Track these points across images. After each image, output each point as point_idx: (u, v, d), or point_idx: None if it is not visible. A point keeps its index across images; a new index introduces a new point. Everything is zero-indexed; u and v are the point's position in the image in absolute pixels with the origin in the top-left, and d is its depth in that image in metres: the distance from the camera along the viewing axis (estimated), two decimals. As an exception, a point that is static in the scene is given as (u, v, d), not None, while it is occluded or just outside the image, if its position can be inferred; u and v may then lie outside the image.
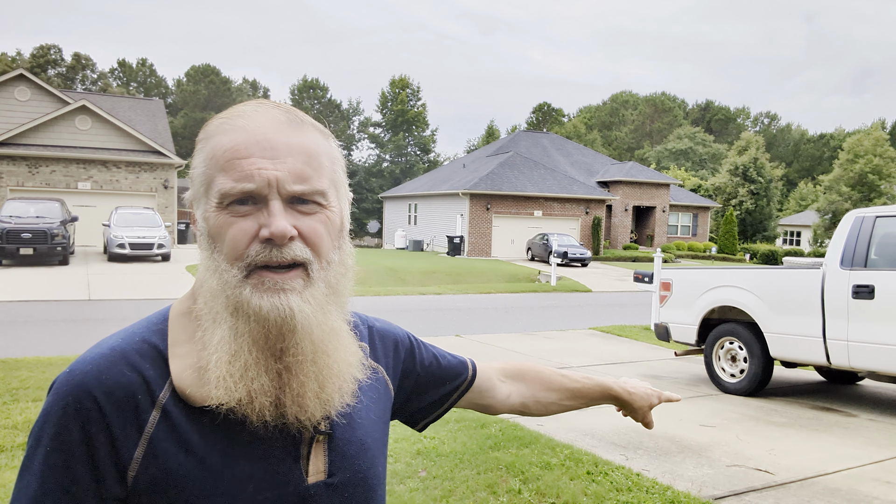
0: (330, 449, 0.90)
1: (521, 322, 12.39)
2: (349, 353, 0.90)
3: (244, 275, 0.82)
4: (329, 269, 0.87)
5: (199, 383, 0.84)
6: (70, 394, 0.82)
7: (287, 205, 0.83)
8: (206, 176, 0.85)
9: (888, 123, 71.52)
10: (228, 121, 0.86)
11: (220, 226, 0.83)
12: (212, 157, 0.84)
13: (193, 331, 0.88)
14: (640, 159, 71.89)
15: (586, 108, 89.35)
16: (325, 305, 0.86)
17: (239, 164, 0.82)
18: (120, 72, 72.45)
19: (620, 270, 26.77)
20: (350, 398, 0.91)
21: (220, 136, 0.85)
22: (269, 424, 0.85)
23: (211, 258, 0.85)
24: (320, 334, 0.84)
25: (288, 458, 0.87)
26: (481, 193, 31.84)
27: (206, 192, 0.85)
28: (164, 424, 0.83)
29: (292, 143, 0.84)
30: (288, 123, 0.86)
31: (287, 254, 0.82)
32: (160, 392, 0.84)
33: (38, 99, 25.21)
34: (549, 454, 4.66)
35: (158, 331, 0.89)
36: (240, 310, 0.81)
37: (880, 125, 60.40)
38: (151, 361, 0.86)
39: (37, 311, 11.39)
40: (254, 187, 0.81)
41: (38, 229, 17.51)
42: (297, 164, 0.83)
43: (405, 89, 65.17)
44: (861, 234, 6.11)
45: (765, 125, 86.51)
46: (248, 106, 0.87)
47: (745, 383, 6.84)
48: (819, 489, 4.25)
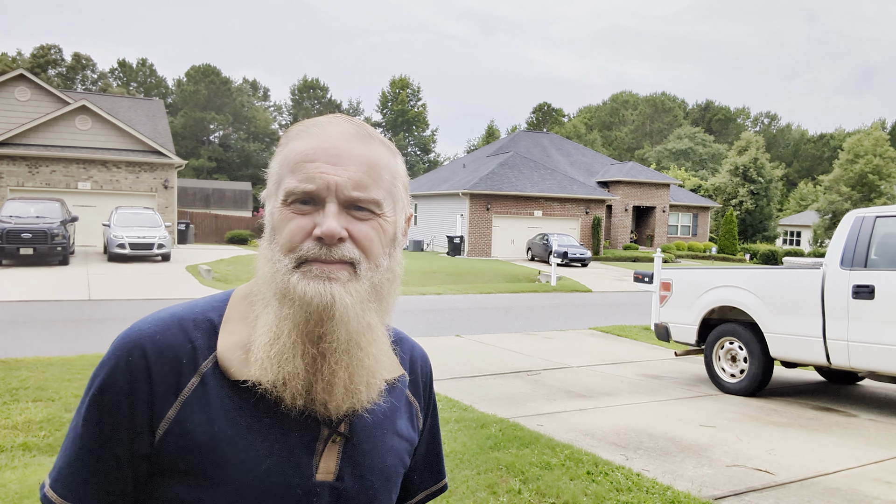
0: (344, 453, 0.93)
1: (521, 322, 12.39)
2: (382, 353, 0.94)
3: (294, 265, 0.87)
4: (377, 272, 0.92)
5: (240, 360, 0.90)
6: (125, 347, 0.90)
7: (343, 209, 0.89)
8: (278, 175, 0.92)
9: (888, 123, 71.53)
10: (305, 129, 0.94)
11: (282, 220, 0.90)
12: (285, 160, 0.92)
13: (245, 313, 0.94)
14: (640, 159, 71.89)
15: (586, 108, 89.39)
16: (366, 301, 0.90)
17: (305, 167, 0.89)
18: (120, 72, 72.46)
19: (620, 270, 26.77)
20: (377, 396, 0.94)
21: (296, 142, 0.92)
22: (295, 411, 0.89)
23: (269, 248, 0.91)
24: (357, 326, 0.89)
25: (303, 449, 0.90)
26: (481, 193, 31.84)
27: (276, 191, 0.92)
28: (200, 391, 0.89)
29: (356, 154, 0.91)
30: (356, 136, 0.93)
31: (336, 253, 0.87)
32: (203, 361, 0.91)
33: (38, 99, 25.20)
34: (549, 454, 4.66)
35: (217, 307, 0.97)
36: (286, 295, 0.87)
37: (880, 125, 60.36)
38: (203, 332, 0.93)
39: (37, 311, 11.39)
40: (314, 188, 0.88)
41: (38, 229, 17.51)
42: (358, 172, 0.90)
43: (405, 89, 65.20)
44: (861, 234, 6.11)
45: (765, 125, 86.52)
46: (326, 118, 0.95)
47: (746, 383, 6.84)
48: (819, 489, 4.25)
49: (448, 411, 5.74)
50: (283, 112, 75.03)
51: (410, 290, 17.47)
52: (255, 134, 69.18)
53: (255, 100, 75.14)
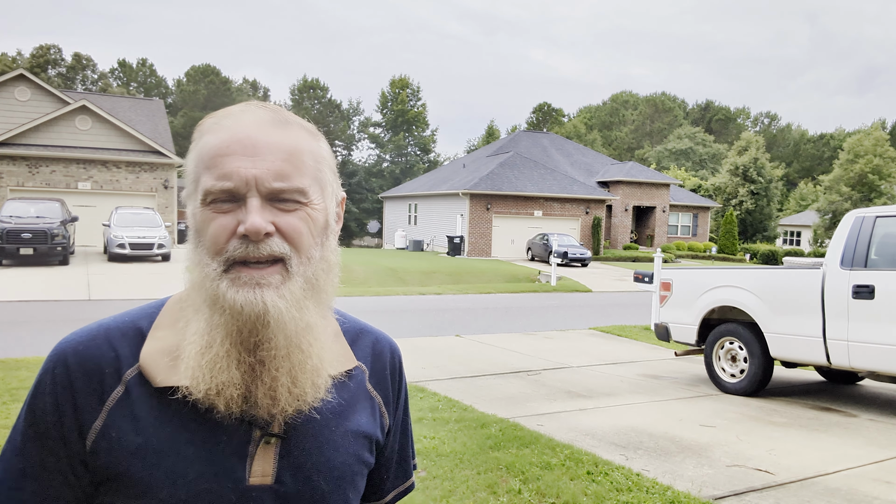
0: (282, 454, 0.89)
1: (521, 322, 12.39)
2: (325, 350, 0.91)
3: (223, 269, 0.84)
4: (309, 264, 0.88)
5: (165, 366, 0.88)
6: (51, 361, 0.90)
7: (267, 202, 0.85)
8: (195, 174, 0.88)
9: (888, 123, 71.53)
10: (217, 121, 0.89)
11: (203, 221, 0.86)
12: (200, 156, 0.88)
13: (177, 318, 0.92)
14: (640, 159, 71.89)
15: (586, 108, 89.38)
16: (302, 301, 0.87)
17: (221, 163, 0.85)
18: (120, 72, 72.46)
19: (620, 270, 26.77)
20: (325, 394, 0.91)
21: (208, 136, 0.88)
22: (227, 416, 0.86)
23: (195, 252, 0.88)
24: (295, 329, 0.86)
25: (233, 453, 0.87)
26: (481, 193, 31.84)
27: (195, 190, 0.88)
28: (125, 400, 0.87)
29: (274, 142, 0.87)
30: (272, 123, 0.88)
31: (264, 249, 0.84)
32: (128, 369, 0.89)
33: (39, 99, 25.21)
34: (549, 454, 4.66)
35: (149, 314, 0.95)
36: (216, 302, 0.84)
37: (880, 125, 60.37)
38: (130, 340, 0.91)
39: (37, 311, 11.39)
40: (232, 185, 0.84)
41: (38, 229, 17.51)
42: (277, 161, 0.86)
43: (405, 89, 65.18)
44: (861, 234, 6.11)
45: (765, 125, 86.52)
46: (237, 107, 0.91)
47: (746, 383, 6.84)
48: (819, 489, 4.25)
49: (448, 411, 5.74)
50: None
51: (410, 290, 17.47)
52: (255, 134, 69.07)
53: (255, 100, 75.08)
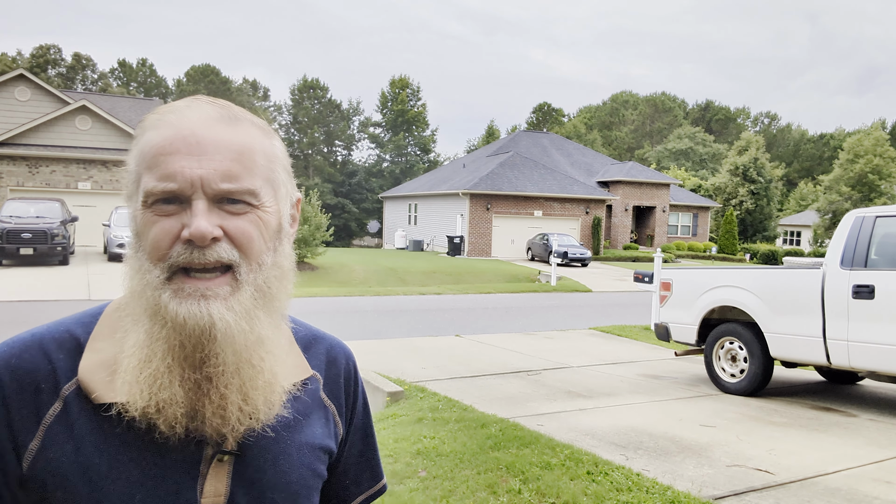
0: (236, 472, 0.85)
1: (521, 322, 12.40)
2: (279, 364, 0.86)
3: (166, 276, 0.79)
4: (260, 271, 0.83)
5: (105, 381, 0.82)
6: None
7: (214, 204, 0.80)
8: (136, 174, 0.82)
9: (888, 123, 71.54)
10: (160, 117, 0.83)
11: (145, 224, 0.80)
12: (141, 155, 0.82)
13: (116, 327, 0.86)
14: (640, 159, 71.91)
15: (586, 108, 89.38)
16: (253, 311, 0.81)
17: (163, 162, 0.79)
18: (120, 72, 72.46)
19: (620, 270, 26.77)
20: (280, 409, 0.86)
21: (150, 133, 0.82)
22: (171, 435, 0.81)
23: (136, 257, 0.82)
24: (244, 343, 0.80)
25: (183, 473, 0.82)
26: (481, 193, 31.84)
27: (135, 191, 0.82)
28: (63, 418, 0.81)
29: (222, 140, 0.81)
30: (220, 119, 0.83)
31: (210, 255, 0.78)
32: (65, 383, 0.83)
33: (38, 99, 25.21)
34: (549, 454, 4.66)
35: (86, 323, 0.89)
36: (158, 314, 0.79)
37: (880, 125, 60.36)
38: (67, 352, 0.85)
39: (37, 311, 11.39)
40: (176, 187, 0.78)
41: (38, 229, 17.52)
42: (226, 161, 0.80)
43: (405, 89, 65.20)
44: (861, 234, 6.11)
45: (765, 125, 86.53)
46: (182, 102, 0.85)
47: (746, 383, 6.84)
48: (819, 489, 4.25)
49: (448, 411, 5.75)
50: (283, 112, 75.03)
51: (410, 290, 17.47)
52: (255, 134, 69.11)
53: (255, 100, 75.12)
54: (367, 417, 1.08)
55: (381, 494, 1.11)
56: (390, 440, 4.89)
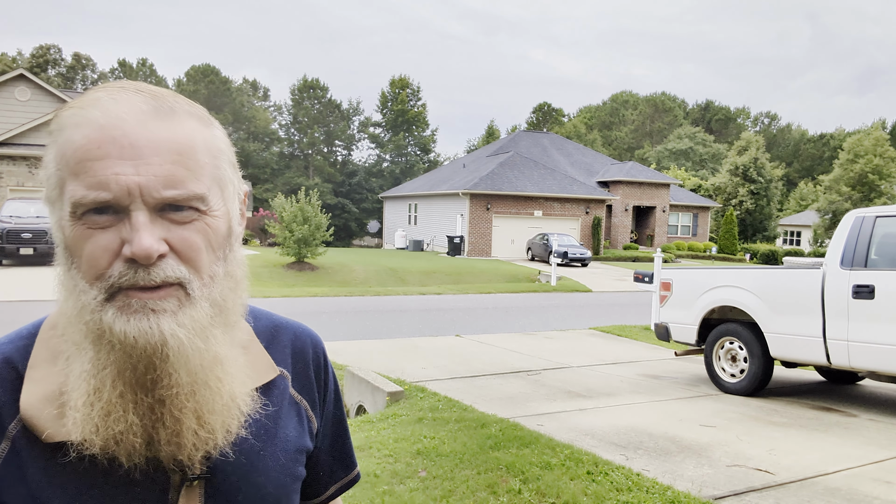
0: (208, 495, 0.78)
1: (522, 322, 12.40)
2: (237, 383, 0.78)
3: (105, 297, 0.70)
4: (213, 284, 0.75)
5: (51, 416, 0.73)
6: None
7: (156, 213, 0.70)
8: (58, 178, 0.72)
9: (888, 123, 71.54)
10: (80, 111, 0.71)
11: (76, 239, 0.70)
12: (61, 156, 0.71)
13: (58, 351, 0.77)
14: (640, 159, 71.90)
15: (586, 108, 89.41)
16: (208, 328, 0.73)
17: (91, 168, 0.68)
18: (120, 72, 72.44)
19: (620, 270, 26.77)
20: (239, 430, 0.79)
21: (71, 130, 0.71)
22: (134, 466, 0.74)
23: (68, 275, 0.72)
24: (199, 363, 0.73)
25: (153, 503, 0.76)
26: (481, 193, 31.84)
27: (60, 197, 0.72)
28: (13, 459, 0.73)
29: (159, 139, 0.70)
30: (153, 113, 0.71)
31: (156, 275, 0.69)
32: (11, 421, 0.74)
33: (39, 99, 25.21)
34: (549, 454, 4.66)
35: (22, 347, 0.79)
36: (102, 337, 0.70)
37: (881, 125, 60.38)
38: (6, 385, 0.76)
39: (37, 311, 11.33)
40: (110, 197, 0.68)
41: (38, 229, 17.52)
42: (166, 164, 0.70)
43: (405, 89, 65.21)
44: (861, 234, 6.11)
45: (765, 125, 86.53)
46: (105, 91, 0.73)
47: (746, 383, 6.84)
48: (819, 489, 4.25)
49: (448, 411, 5.74)
50: (283, 112, 75.03)
51: (410, 290, 17.47)
52: (255, 134, 69.15)
53: (255, 100, 75.12)
54: (338, 406, 1.02)
55: (355, 483, 1.07)
56: (390, 440, 4.89)
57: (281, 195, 23.48)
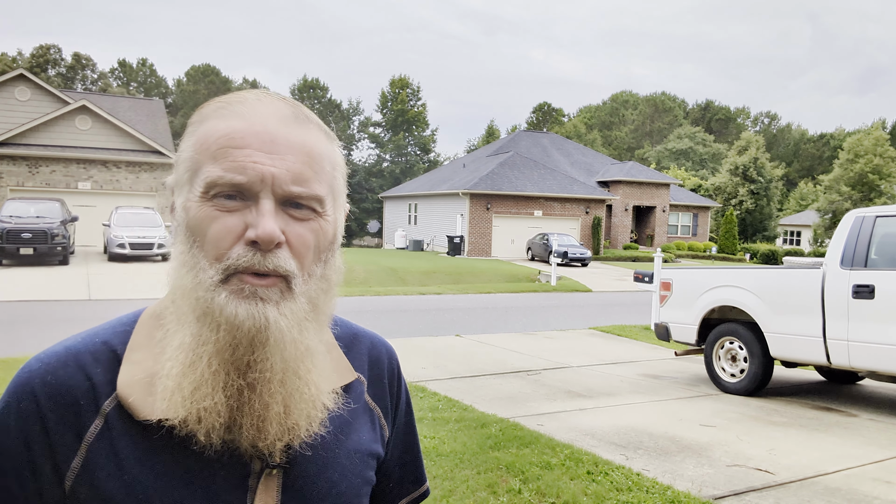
0: (286, 486, 0.81)
1: (522, 322, 12.39)
2: (323, 378, 0.82)
3: (221, 278, 0.74)
4: (310, 283, 0.79)
5: (145, 394, 0.77)
6: (15, 392, 0.78)
7: (279, 206, 0.76)
8: (194, 162, 0.77)
9: (888, 123, 71.53)
10: (227, 106, 0.78)
11: (202, 219, 0.75)
12: (202, 142, 0.77)
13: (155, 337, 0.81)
14: (640, 159, 71.90)
15: (586, 107, 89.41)
16: (303, 322, 0.78)
17: (232, 154, 0.74)
18: (120, 72, 72.46)
19: (620, 270, 26.77)
20: (319, 427, 0.82)
21: (216, 121, 0.77)
22: (217, 448, 0.77)
23: (189, 253, 0.77)
24: (293, 353, 0.77)
25: (232, 489, 0.78)
26: (481, 193, 31.84)
27: (191, 180, 0.77)
28: (105, 436, 0.77)
29: (294, 140, 0.77)
30: (292, 119, 0.78)
31: (270, 262, 0.74)
32: (105, 399, 0.78)
33: (38, 99, 25.21)
34: (549, 454, 4.66)
35: (122, 332, 0.83)
36: (208, 315, 0.74)
37: (881, 125, 60.34)
38: (104, 365, 0.80)
39: (37, 311, 11.39)
40: (245, 181, 0.74)
41: (38, 229, 17.52)
42: (297, 163, 0.76)
43: (405, 89, 65.20)
44: (861, 233, 6.11)
45: (765, 125, 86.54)
46: (251, 94, 0.80)
47: (746, 383, 6.84)
48: (819, 489, 4.25)
49: (448, 411, 5.74)
50: (283, 112, 74.95)
51: (410, 290, 17.46)
52: (255, 134, 69.14)
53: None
54: (409, 417, 1.04)
55: (425, 498, 1.07)
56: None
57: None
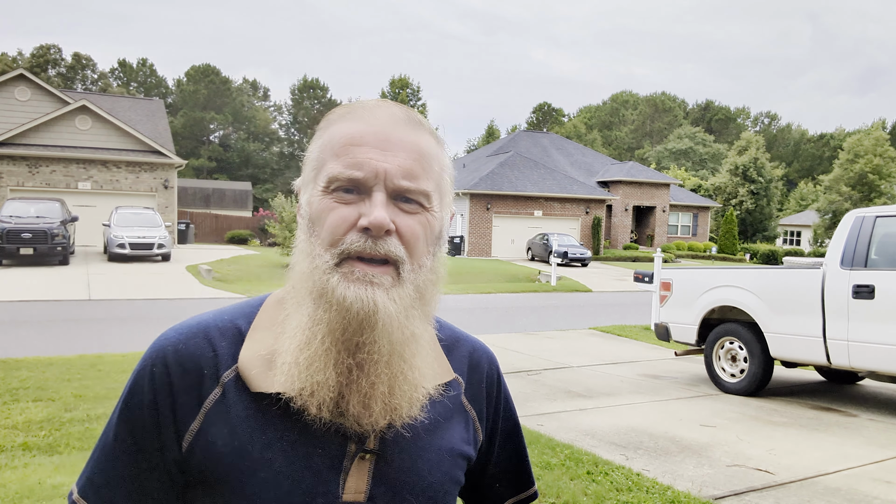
0: (376, 472, 0.86)
1: (522, 322, 12.39)
2: (426, 364, 0.88)
3: (335, 262, 0.81)
4: (420, 273, 0.85)
5: (262, 370, 0.85)
6: (150, 357, 0.87)
7: (390, 199, 0.83)
8: (319, 160, 0.86)
9: (888, 123, 71.53)
10: (350, 111, 0.88)
11: (322, 210, 0.83)
12: (327, 143, 0.86)
13: (276, 319, 0.89)
14: (640, 159, 71.90)
15: (586, 107, 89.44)
16: (410, 309, 0.84)
17: (352, 151, 0.83)
18: (120, 72, 72.47)
19: (620, 270, 26.77)
20: (419, 412, 0.87)
21: (340, 124, 0.87)
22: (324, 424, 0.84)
23: (308, 242, 0.85)
24: (400, 337, 0.82)
25: (328, 467, 0.84)
26: (481, 193, 31.84)
27: (315, 177, 0.86)
28: (222, 403, 0.85)
29: (406, 140, 0.85)
30: (406, 121, 0.87)
31: (381, 248, 0.81)
32: (225, 370, 0.87)
33: (39, 99, 25.20)
34: (549, 454, 4.66)
35: (248, 313, 0.92)
36: (323, 296, 0.81)
37: (881, 125, 60.33)
38: (229, 340, 0.89)
39: (37, 311, 11.39)
40: (361, 175, 0.82)
41: (39, 229, 17.52)
42: (408, 160, 0.84)
43: (405, 89, 65.23)
44: (861, 234, 6.11)
45: (765, 125, 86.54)
46: (372, 101, 0.90)
47: (746, 383, 6.84)
48: (819, 489, 4.25)
49: None
50: (283, 112, 75.01)
51: (410, 290, 17.46)
52: (255, 134, 69.18)
53: (255, 100, 75.12)
54: (514, 423, 1.09)
55: (533, 500, 1.12)
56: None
57: (281, 195, 23.46)
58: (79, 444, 4.68)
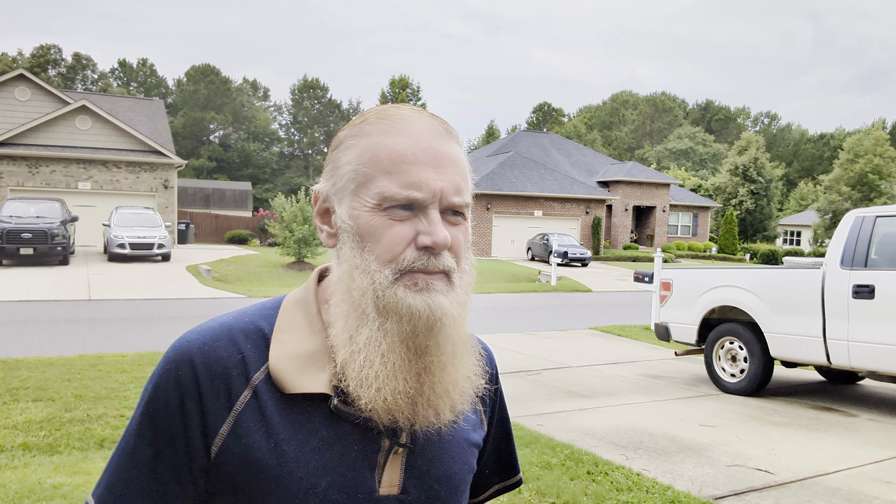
0: (408, 466, 0.89)
1: (522, 322, 12.39)
2: (473, 364, 0.92)
3: (395, 277, 0.83)
4: (464, 277, 0.89)
5: (295, 372, 0.86)
6: (174, 360, 0.86)
7: (441, 214, 0.85)
8: (362, 175, 0.85)
9: (888, 123, 71.51)
10: (392, 124, 0.87)
11: (377, 226, 0.84)
12: (372, 157, 0.85)
13: (299, 321, 0.91)
14: (640, 159, 71.90)
15: (586, 107, 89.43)
16: (463, 311, 0.88)
17: (406, 170, 0.83)
18: (120, 72, 72.48)
19: (620, 270, 26.77)
20: (463, 409, 0.91)
21: (383, 137, 0.86)
22: (352, 424, 0.86)
23: (361, 257, 0.85)
24: (459, 338, 0.87)
25: (364, 463, 0.86)
26: (481, 193, 31.83)
27: (358, 190, 0.86)
28: (253, 405, 0.85)
29: (451, 155, 0.87)
30: (445, 134, 0.88)
31: (440, 263, 0.84)
32: (255, 372, 0.87)
33: (39, 99, 25.20)
34: (549, 454, 4.66)
35: (268, 316, 0.93)
36: (390, 309, 0.83)
37: (881, 125, 60.31)
38: (254, 342, 0.89)
39: (37, 311, 11.39)
40: (421, 196, 0.83)
41: (39, 229, 17.51)
42: (456, 176, 0.86)
43: (405, 89, 65.23)
44: (861, 233, 6.11)
45: (765, 125, 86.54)
46: (405, 110, 0.89)
47: (746, 383, 6.84)
48: (819, 489, 4.25)
49: None
50: (283, 112, 74.98)
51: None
52: (255, 134, 69.17)
53: (255, 100, 75.12)
54: (505, 412, 1.14)
55: (517, 487, 1.18)
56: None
57: (281, 195, 23.44)
58: (79, 444, 4.68)
